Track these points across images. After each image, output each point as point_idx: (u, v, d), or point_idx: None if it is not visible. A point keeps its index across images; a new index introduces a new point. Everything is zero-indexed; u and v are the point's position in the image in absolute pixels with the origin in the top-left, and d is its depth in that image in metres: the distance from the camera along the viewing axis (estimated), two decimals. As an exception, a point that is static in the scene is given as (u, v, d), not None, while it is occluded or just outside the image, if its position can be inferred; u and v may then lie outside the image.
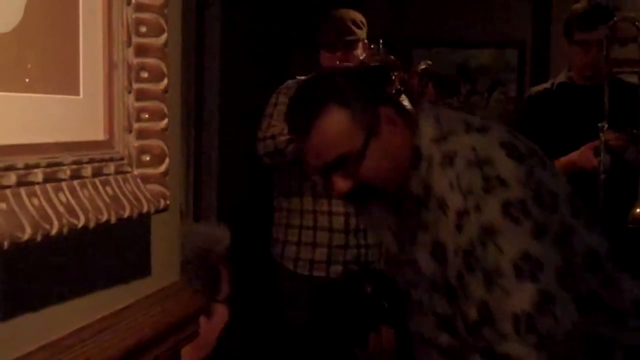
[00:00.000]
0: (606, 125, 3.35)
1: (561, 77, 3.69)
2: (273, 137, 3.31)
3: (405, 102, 3.39)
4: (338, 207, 3.39)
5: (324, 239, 3.41)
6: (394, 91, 3.16)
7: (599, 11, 3.52)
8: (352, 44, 3.33)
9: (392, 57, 3.23)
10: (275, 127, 3.35)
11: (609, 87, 3.52)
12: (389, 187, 1.88)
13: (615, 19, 3.51)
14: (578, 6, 3.63)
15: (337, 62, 3.33)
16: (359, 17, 3.47)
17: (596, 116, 3.44)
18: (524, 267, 1.68)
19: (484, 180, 1.73)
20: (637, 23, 3.48)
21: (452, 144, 1.81)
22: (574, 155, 3.43)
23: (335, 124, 1.84)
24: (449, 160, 1.79)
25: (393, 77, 3.20)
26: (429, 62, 3.26)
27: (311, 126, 1.85)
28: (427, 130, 1.86)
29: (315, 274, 3.42)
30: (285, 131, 3.28)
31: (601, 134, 3.35)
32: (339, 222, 3.39)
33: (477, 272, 1.70)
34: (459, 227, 1.73)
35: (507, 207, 1.70)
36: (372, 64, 3.21)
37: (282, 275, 3.50)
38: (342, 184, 1.86)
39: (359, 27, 3.42)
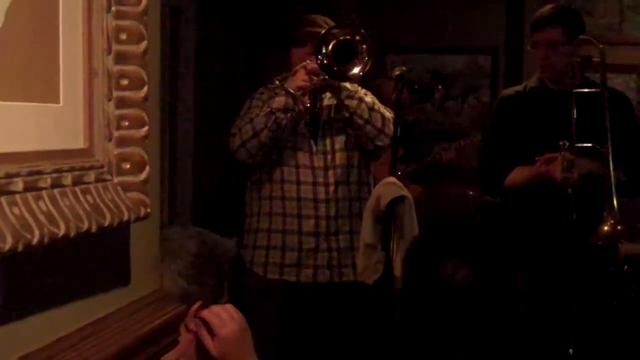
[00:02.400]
0: (567, 144, 3.33)
1: (533, 81, 3.70)
2: (250, 120, 3.29)
3: (376, 102, 3.40)
4: (307, 210, 3.37)
5: (293, 242, 3.37)
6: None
7: (552, 13, 3.52)
8: None
9: (357, 27, 3.22)
10: (251, 112, 3.35)
11: (579, 93, 3.52)
12: None
13: (579, 37, 3.53)
14: (542, 10, 3.64)
15: (306, 57, 3.30)
16: (329, 20, 3.48)
17: (566, 121, 3.45)
18: None
19: None
20: (599, 46, 3.50)
21: None
22: (543, 167, 3.43)
23: None
24: None
25: (361, 49, 3.19)
26: (404, 68, 3.25)
27: None
28: None
29: (286, 278, 3.39)
30: (264, 109, 3.25)
31: (563, 153, 3.34)
32: (308, 224, 3.36)
33: None
34: None
35: None
36: (340, 38, 3.19)
37: (253, 281, 3.47)
38: None
39: (328, 25, 3.42)
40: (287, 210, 3.36)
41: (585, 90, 3.46)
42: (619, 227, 3.20)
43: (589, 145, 3.33)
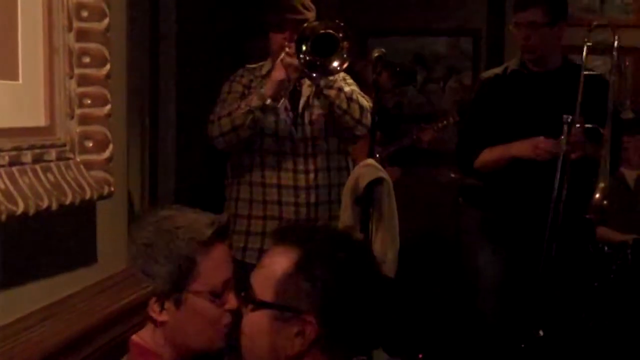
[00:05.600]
0: (570, 118, 3.36)
1: (514, 63, 3.71)
2: (229, 114, 3.29)
3: (354, 87, 3.40)
4: (288, 197, 3.38)
5: (274, 228, 3.39)
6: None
7: None
8: (300, 25, 3.31)
9: (339, 22, 3.21)
10: (231, 105, 3.35)
11: (563, 73, 3.55)
12: None
13: (594, 23, 3.57)
14: None
15: (285, 43, 3.30)
16: (308, 2, 3.46)
17: (547, 103, 3.47)
18: None
19: None
20: (612, 30, 3.53)
21: None
22: (517, 148, 3.45)
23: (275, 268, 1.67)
24: None
25: (343, 45, 3.18)
26: (383, 50, 3.26)
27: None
28: None
29: None
30: (242, 106, 3.26)
31: (565, 127, 3.37)
32: (288, 212, 3.38)
33: None
34: None
35: None
36: (321, 30, 3.18)
37: None
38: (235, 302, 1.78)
39: (307, 9, 3.42)
40: (267, 197, 3.37)
41: (593, 73, 3.50)
42: (605, 202, 3.25)
43: (591, 126, 3.37)
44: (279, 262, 1.62)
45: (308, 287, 1.57)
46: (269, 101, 3.19)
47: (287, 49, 3.23)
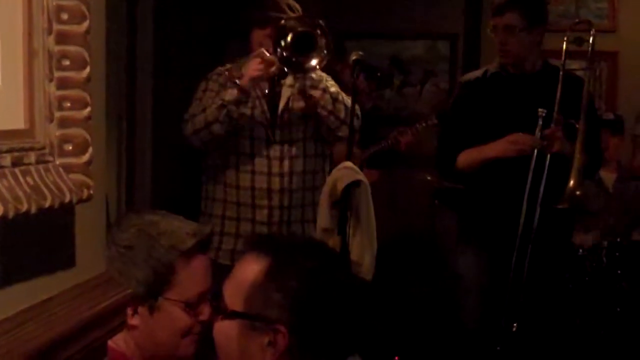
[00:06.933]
0: (544, 112, 3.39)
1: (494, 66, 3.73)
2: (203, 110, 3.27)
3: (340, 92, 3.41)
4: (261, 200, 3.37)
5: (247, 230, 3.38)
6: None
7: None
8: None
9: (317, 20, 3.20)
10: (206, 100, 3.33)
11: (543, 76, 3.57)
12: None
13: (576, 21, 3.62)
14: None
15: (267, 38, 3.29)
16: (293, 2, 3.44)
17: (527, 106, 3.49)
18: None
19: None
20: (592, 30, 3.58)
21: None
22: (494, 150, 3.48)
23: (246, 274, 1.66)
24: None
25: (321, 43, 3.18)
26: (361, 53, 3.26)
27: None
28: None
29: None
30: (216, 101, 3.23)
31: (540, 120, 3.40)
32: (262, 214, 3.37)
33: None
34: None
35: None
36: (299, 29, 3.18)
37: None
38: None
39: (292, 10, 3.40)
40: (241, 199, 3.36)
41: (574, 68, 3.54)
42: (578, 192, 3.29)
43: (569, 121, 3.40)
44: (249, 270, 1.62)
45: (279, 298, 1.56)
46: (234, 94, 3.17)
47: (264, 50, 3.21)
